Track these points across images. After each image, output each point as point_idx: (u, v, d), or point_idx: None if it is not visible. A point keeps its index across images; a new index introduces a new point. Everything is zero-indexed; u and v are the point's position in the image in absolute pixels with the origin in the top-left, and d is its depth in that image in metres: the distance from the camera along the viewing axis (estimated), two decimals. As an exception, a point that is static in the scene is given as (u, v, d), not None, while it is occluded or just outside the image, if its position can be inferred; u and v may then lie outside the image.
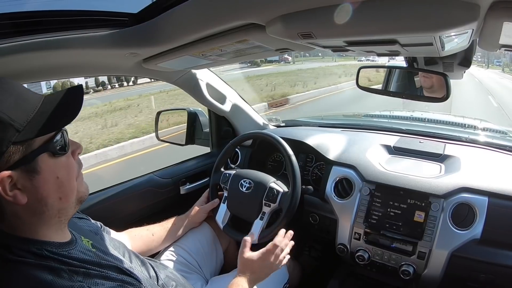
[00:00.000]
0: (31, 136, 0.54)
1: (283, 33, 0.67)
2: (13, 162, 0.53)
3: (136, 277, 0.65)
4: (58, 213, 0.60)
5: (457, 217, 1.04)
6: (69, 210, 0.63)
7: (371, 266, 1.17)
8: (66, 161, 0.60)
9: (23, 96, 0.57)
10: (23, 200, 0.54)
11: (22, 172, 0.54)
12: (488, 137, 1.40)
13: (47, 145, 0.56)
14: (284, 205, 1.15)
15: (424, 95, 1.23)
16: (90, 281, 0.57)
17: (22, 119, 0.54)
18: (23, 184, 0.55)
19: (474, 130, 1.58)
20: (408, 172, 1.16)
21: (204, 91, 1.42)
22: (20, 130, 0.53)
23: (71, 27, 0.73)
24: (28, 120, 0.54)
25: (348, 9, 0.56)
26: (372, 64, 1.66)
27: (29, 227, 0.58)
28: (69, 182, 0.61)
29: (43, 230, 0.59)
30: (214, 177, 1.32)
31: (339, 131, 1.54)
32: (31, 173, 0.55)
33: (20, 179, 0.54)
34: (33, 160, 0.55)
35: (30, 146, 0.55)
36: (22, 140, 0.53)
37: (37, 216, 0.58)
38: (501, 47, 0.70)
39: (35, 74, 0.91)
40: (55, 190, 0.58)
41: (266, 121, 1.74)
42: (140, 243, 1.07)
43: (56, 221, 0.61)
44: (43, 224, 0.59)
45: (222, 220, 1.24)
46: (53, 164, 0.58)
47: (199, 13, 0.69)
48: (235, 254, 1.40)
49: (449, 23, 0.53)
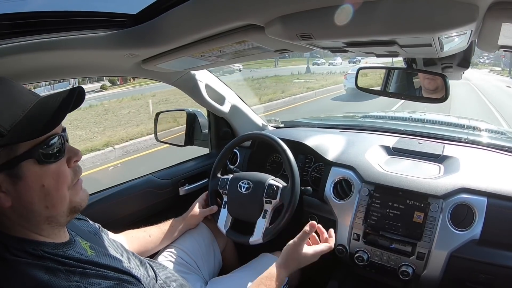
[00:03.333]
0: (15, 141, 0.52)
1: (282, 34, 0.67)
2: None
3: (134, 275, 0.65)
4: (47, 220, 0.59)
5: (456, 218, 1.04)
6: (59, 218, 0.60)
7: (370, 267, 1.17)
8: (56, 169, 0.57)
9: (16, 98, 0.55)
10: (6, 203, 0.54)
11: (5, 175, 0.53)
12: (487, 137, 1.40)
13: (32, 151, 0.54)
14: (285, 199, 1.15)
15: (423, 95, 1.23)
16: (87, 280, 0.56)
17: (7, 123, 0.52)
18: (6, 188, 0.54)
19: (473, 130, 1.59)
20: (407, 173, 1.16)
21: (203, 92, 1.42)
22: (4, 135, 0.51)
23: (70, 28, 0.73)
24: (14, 124, 0.53)
25: (347, 10, 0.56)
26: (371, 65, 1.66)
27: (21, 228, 0.58)
28: (58, 191, 0.58)
29: (35, 232, 0.59)
30: (211, 184, 1.31)
31: (338, 132, 1.54)
32: (14, 179, 0.54)
33: (4, 182, 0.54)
34: (16, 166, 0.53)
35: (14, 151, 0.53)
36: (5, 144, 0.52)
37: (25, 220, 0.57)
38: (500, 47, 0.71)
39: (33, 74, 0.91)
40: (40, 198, 0.56)
41: (265, 122, 1.74)
42: (136, 245, 1.06)
43: (47, 226, 0.60)
44: (33, 228, 0.58)
45: (224, 225, 1.23)
46: (39, 171, 0.55)
47: (198, 14, 0.69)
48: (233, 254, 1.40)
49: (448, 24, 0.54)
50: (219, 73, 14.75)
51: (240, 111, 1.62)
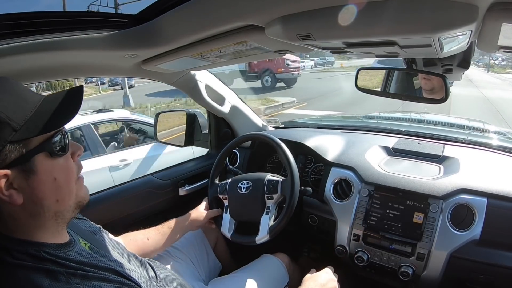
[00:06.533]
0: (28, 136, 0.54)
1: (282, 35, 0.67)
2: (10, 161, 0.53)
3: (134, 280, 0.65)
4: (55, 215, 0.60)
5: (456, 218, 1.04)
6: (66, 214, 0.62)
7: (370, 268, 1.17)
8: (64, 162, 0.60)
9: (23, 96, 0.57)
10: (19, 200, 0.54)
11: (18, 171, 0.54)
12: (487, 138, 1.40)
13: (44, 145, 0.56)
14: (286, 192, 1.15)
15: (423, 96, 1.23)
16: (87, 283, 0.56)
17: (20, 118, 0.54)
18: (19, 184, 0.54)
19: (473, 131, 1.59)
20: (407, 173, 1.16)
21: (203, 93, 1.42)
22: (17, 129, 0.53)
23: (70, 28, 0.73)
24: (26, 119, 0.54)
25: (347, 11, 0.56)
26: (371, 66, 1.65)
27: (26, 228, 0.58)
28: (67, 184, 0.60)
29: (39, 232, 0.59)
30: (211, 192, 1.29)
31: (338, 133, 1.54)
32: (27, 173, 0.55)
33: (16, 178, 0.54)
34: (30, 160, 0.55)
35: (27, 146, 0.54)
36: (19, 139, 0.53)
37: (33, 218, 0.58)
38: (500, 48, 0.71)
39: (33, 74, 0.91)
40: (52, 192, 0.58)
41: (265, 123, 1.74)
42: (135, 247, 1.04)
43: (53, 223, 0.61)
44: (39, 226, 0.59)
45: (228, 230, 1.21)
46: (51, 165, 0.57)
47: (198, 15, 0.69)
48: (224, 250, 1.40)
49: (448, 25, 0.54)
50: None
51: (240, 112, 1.62)
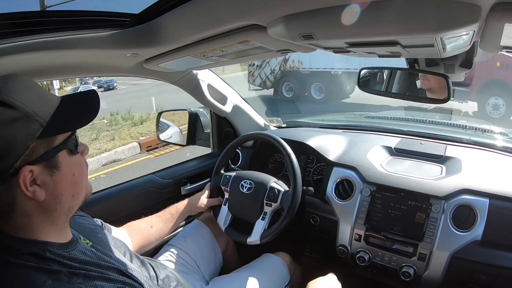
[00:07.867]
0: (55, 132, 0.56)
1: (284, 34, 0.67)
2: (36, 157, 0.54)
3: (136, 280, 0.65)
4: (68, 211, 0.62)
5: (458, 219, 1.03)
6: (75, 209, 0.65)
7: (371, 268, 1.17)
8: (79, 159, 0.63)
9: (43, 94, 0.58)
10: (41, 196, 0.55)
11: (43, 167, 0.56)
12: (489, 138, 1.39)
13: (67, 142, 0.59)
14: (286, 204, 1.15)
15: (426, 96, 1.23)
16: (90, 283, 0.56)
17: (45, 115, 0.55)
18: (42, 180, 0.56)
19: (475, 131, 1.58)
20: (409, 173, 1.16)
21: (205, 92, 1.42)
22: (44, 126, 0.54)
23: (72, 28, 0.73)
24: (50, 117, 0.56)
25: (350, 11, 0.56)
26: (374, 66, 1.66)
27: (35, 226, 0.58)
28: (82, 180, 0.64)
29: (47, 229, 0.59)
30: (214, 180, 1.31)
31: (340, 132, 1.54)
32: (52, 169, 0.57)
33: (41, 174, 0.55)
34: (55, 156, 0.57)
35: (53, 142, 0.57)
36: (46, 135, 0.55)
37: (48, 214, 0.59)
38: (502, 48, 0.70)
39: (36, 73, 0.91)
40: (70, 187, 0.60)
41: (267, 122, 1.74)
42: (139, 236, 1.07)
43: (63, 220, 0.62)
44: (50, 223, 0.60)
45: (223, 222, 1.24)
46: (70, 161, 0.60)
47: (201, 14, 0.69)
48: (233, 255, 1.40)
49: (450, 25, 0.53)
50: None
51: (242, 111, 1.62)
